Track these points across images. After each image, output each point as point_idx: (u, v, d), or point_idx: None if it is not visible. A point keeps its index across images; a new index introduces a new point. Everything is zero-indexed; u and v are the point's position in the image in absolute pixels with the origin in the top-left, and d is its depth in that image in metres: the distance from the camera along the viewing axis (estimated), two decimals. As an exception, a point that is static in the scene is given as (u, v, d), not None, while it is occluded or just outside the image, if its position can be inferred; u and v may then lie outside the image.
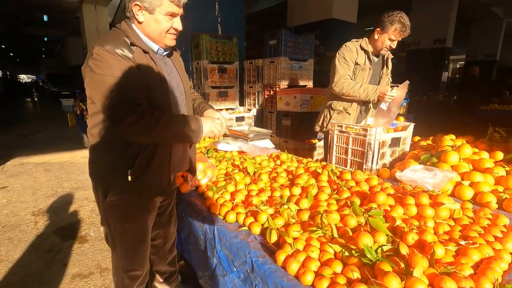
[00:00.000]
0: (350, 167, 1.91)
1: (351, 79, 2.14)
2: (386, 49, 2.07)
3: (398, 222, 1.10)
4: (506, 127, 1.90)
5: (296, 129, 3.55)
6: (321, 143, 3.42)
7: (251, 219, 1.22)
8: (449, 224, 1.12)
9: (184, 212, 1.53)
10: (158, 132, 1.06)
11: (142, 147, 1.14)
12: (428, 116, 5.57)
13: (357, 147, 1.84)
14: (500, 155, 1.66)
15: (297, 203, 1.30)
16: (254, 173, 1.67)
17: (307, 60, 3.97)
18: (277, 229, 1.13)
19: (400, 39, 2.01)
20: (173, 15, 1.11)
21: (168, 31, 1.14)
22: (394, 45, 2.05)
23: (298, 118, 3.50)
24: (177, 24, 1.15)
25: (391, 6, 1.98)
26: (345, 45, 2.15)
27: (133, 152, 1.13)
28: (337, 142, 1.98)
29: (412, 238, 0.99)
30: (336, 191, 1.41)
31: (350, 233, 1.08)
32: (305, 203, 1.28)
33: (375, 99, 2.03)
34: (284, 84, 3.76)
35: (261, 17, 9.50)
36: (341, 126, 1.92)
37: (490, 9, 9.34)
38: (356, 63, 2.13)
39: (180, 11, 1.13)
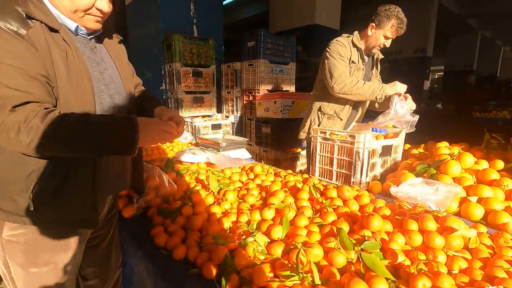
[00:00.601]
0: (336, 180, 1.64)
1: None
2: (379, 48, 1.86)
3: (401, 259, 0.82)
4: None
5: (277, 137, 3.27)
6: (305, 152, 3.17)
7: (205, 256, 0.90)
8: (465, 258, 0.86)
9: (126, 243, 1.19)
10: (61, 142, 0.75)
11: (48, 162, 0.81)
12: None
13: (343, 156, 1.58)
14: (500, 164, 1.46)
15: (268, 231, 0.99)
16: (219, 190, 1.36)
17: (288, 64, 3.74)
18: (239, 272, 0.82)
19: (394, 37, 1.81)
20: None
21: (87, 10, 0.83)
22: (388, 43, 1.84)
23: (279, 125, 3.23)
24: (101, 3, 0.83)
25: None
26: (337, 40, 1.89)
27: (35, 170, 0.80)
28: (320, 151, 1.71)
29: (423, 285, 0.70)
30: (319, 213, 1.12)
31: (338, 277, 0.78)
32: (279, 232, 0.98)
33: (382, 97, 1.78)
34: (264, 89, 3.50)
35: (243, 25, 9.35)
36: (325, 133, 1.66)
37: (466, 22, 9.66)
38: (352, 61, 1.88)
39: None
